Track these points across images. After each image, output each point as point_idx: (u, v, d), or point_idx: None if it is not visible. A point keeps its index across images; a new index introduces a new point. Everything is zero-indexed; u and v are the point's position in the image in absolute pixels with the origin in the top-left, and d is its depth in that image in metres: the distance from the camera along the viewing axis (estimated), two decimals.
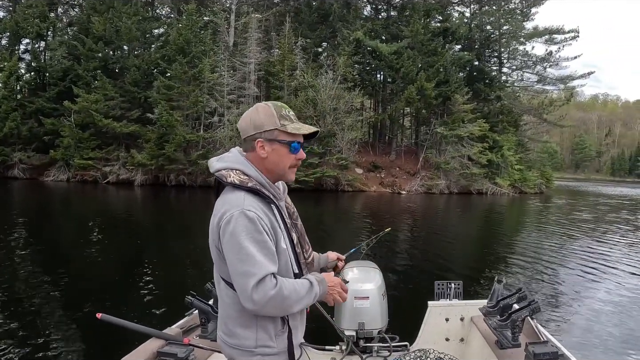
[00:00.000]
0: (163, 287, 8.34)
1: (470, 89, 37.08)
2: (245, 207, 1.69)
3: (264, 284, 1.64)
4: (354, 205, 26.51)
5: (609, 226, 19.95)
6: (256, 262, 1.65)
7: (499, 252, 13.13)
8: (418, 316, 3.85)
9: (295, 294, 1.71)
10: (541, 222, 21.27)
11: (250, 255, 1.65)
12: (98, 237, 13.21)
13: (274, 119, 1.81)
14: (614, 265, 11.42)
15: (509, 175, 37.51)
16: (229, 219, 1.68)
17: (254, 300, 1.64)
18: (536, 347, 2.66)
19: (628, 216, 24.90)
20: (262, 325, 1.77)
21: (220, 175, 1.80)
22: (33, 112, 32.96)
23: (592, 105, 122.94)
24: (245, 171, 1.79)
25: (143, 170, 31.27)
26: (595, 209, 29.21)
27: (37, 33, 34.52)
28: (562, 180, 80.00)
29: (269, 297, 1.64)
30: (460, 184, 35.34)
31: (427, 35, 36.12)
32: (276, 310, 1.71)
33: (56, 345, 5.60)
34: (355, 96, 34.27)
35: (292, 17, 36.63)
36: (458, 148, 35.21)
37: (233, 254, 1.67)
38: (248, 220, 1.67)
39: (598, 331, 6.75)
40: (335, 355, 3.51)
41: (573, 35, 42.04)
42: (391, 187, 34.91)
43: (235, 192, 1.75)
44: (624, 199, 39.99)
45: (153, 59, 33.46)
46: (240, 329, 1.78)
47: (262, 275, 1.64)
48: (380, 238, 3.23)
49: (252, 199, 1.74)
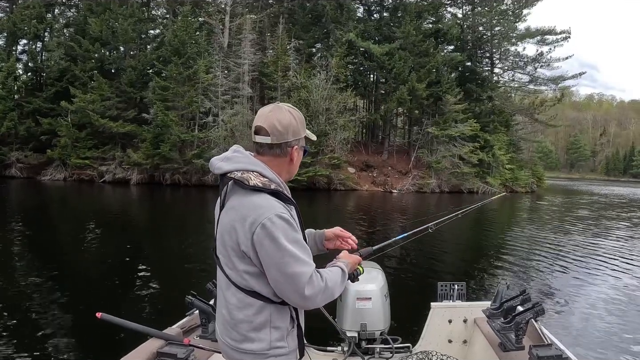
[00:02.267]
0: (163, 287, 8.41)
1: (462, 89, 37.60)
2: (277, 210, 1.69)
3: (312, 280, 1.70)
4: (346, 204, 26.95)
5: (601, 224, 20.52)
6: (303, 262, 1.70)
7: (496, 252, 13.15)
8: (421, 317, 3.83)
9: (335, 284, 1.80)
10: (534, 220, 21.70)
11: (295, 257, 1.68)
12: (96, 236, 13.41)
13: (304, 127, 1.88)
14: (613, 263, 11.57)
15: (500, 174, 38.08)
16: (265, 224, 1.66)
17: (306, 296, 1.70)
18: (540, 350, 2.64)
19: (620, 213, 25.49)
20: (275, 326, 1.78)
21: (240, 178, 1.74)
22: (30, 112, 33.41)
23: (588, 105, 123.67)
24: (264, 173, 1.77)
25: (139, 170, 31.80)
26: (585, 207, 29.76)
27: (35, 34, 34.99)
28: (557, 179, 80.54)
29: (318, 291, 1.71)
30: (451, 183, 35.89)
31: (418, 36, 36.62)
32: (323, 301, 1.78)
33: (56, 344, 5.62)
34: (347, 96, 34.79)
35: (285, 18, 37.18)
36: (449, 148, 35.76)
37: (278, 258, 1.67)
38: (284, 222, 1.68)
39: (601, 331, 6.75)
40: (337, 357, 3.50)
41: (564, 36, 42.57)
42: (383, 186, 35.48)
43: (260, 195, 1.72)
44: (612, 198, 40.63)
45: (149, 60, 33.99)
46: (254, 332, 1.77)
47: (310, 272, 1.70)
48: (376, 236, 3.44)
49: (277, 201, 1.73)
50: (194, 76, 31.62)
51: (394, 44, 36.53)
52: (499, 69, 44.86)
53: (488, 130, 38.39)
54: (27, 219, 16.08)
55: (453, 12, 44.51)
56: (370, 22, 41.11)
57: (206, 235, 12.03)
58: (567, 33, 42.49)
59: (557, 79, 43.93)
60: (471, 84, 40.31)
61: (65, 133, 31.82)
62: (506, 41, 42.89)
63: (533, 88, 45.11)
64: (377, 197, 31.66)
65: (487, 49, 43.88)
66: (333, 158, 32.57)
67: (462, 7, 44.34)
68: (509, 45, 43.35)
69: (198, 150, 31.04)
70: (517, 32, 42.48)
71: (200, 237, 13.01)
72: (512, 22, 42.04)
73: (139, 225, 17.08)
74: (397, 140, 44.04)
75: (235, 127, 31.27)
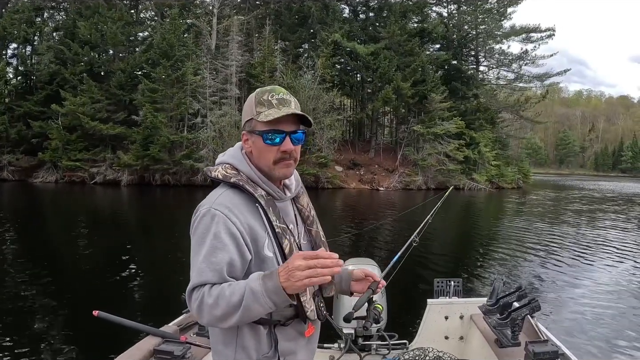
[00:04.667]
0: (159, 285, 8.42)
1: (448, 87, 38.29)
2: (214, 204, 1.50)
3: (194, 292, 1.45)
4: (333, 201, 27.44)
5: (591, 217, 21.19)
6: (196, 268, 1.46)
7: (492, 247, 13.28)
8: (417, 314, 3.81)
9: (223, 301, 1.39)
10: (520, 215, 22.13)
11: (195, 259, 1.48)
12: (90, 236, 13.59)
13: (252, 107, 1.58)
14: (605, 256, 11.87)
15: (486, 170, 38.80)
16: (195, 217, 1.52)
17: (191, 307, 1.46)
18: (536, 346, 2.64)
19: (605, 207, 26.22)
20: (242, 345, 1.53)
21: (206, 170, 1.65)
22: (21, 115, 33.79)
23: (576, 101, 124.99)
24: (236, 165, 1.60)
25: (129, 171, 32.27)
26: (573, 202, 30.52)
27: (24, 38, 35.42)
28: (546, 175, 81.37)
29: (196, 306, 1.43)
30: (437, 180, 36.50)
31: (403, 36, 37.26)
32: (211, 321, 1.44)
33: (52, 342, 5.64)
34: (333, 96, 35.38)
35: (272, 19, 37.74)
36: (435, 145, 36.40)
37: (191, 255, 1.51)
38: (210, 219, 1.48)
39: (595, 325, 6.82)
40: (334, 354, 3.47)
41: (549, 33, 43.30)
42: (370, 183, 36.12)
43: (218, 188, 1.58)
44: (600, 192, 41.48)
45: (138, 63, 34.54)
46: (220, 345, 1.57)
47: (195, 283, 1.45)
48: (374, 233, 3.65)
49: (232, 196, 1.54)
50: (183, 78, 32.12)
51: (379, 44, 37.19)
52: (485, 67, 45.61)
53: (474, 127, 39.05)
54: (20, 221, 16.29)
55: (438, 11, 45.21)
56: (356, 22, 41.75)
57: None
58: (552, 30, 43.28)
59: (542, 76, 44.61)
60: (457, 82, 40.95)
61: (56, 136, 32.23)
62: (491, 39, 43.54)
63: (519, 85, 45.81)
64: (364, 194, 32.28)
65: (472, 47, 44.54)
66: (320, 157, 33.17)
67: (447, 6, 44.99)
68: (494, 44, 44.06)
69: (187, 151, 31.58)
70: (502, 30, 43.19)
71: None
72: (497, 21, 42.71)
73: (131, 225, 17.33)
74: (385, 139, 44.67)
75: (223, 128, 31.79)
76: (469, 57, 45.12)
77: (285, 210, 1.66)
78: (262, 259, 1.52)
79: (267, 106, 1.54)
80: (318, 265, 1.33)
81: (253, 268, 1.51)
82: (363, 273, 1.76)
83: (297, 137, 1.58)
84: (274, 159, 1.57)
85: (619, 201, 31.70)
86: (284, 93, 1.57)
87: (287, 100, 1.56)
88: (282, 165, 1.58)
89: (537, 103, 45.80)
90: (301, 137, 1.60)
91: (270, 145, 1.56)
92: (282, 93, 1.56)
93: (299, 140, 1.59)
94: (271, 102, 1.54)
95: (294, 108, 1.55)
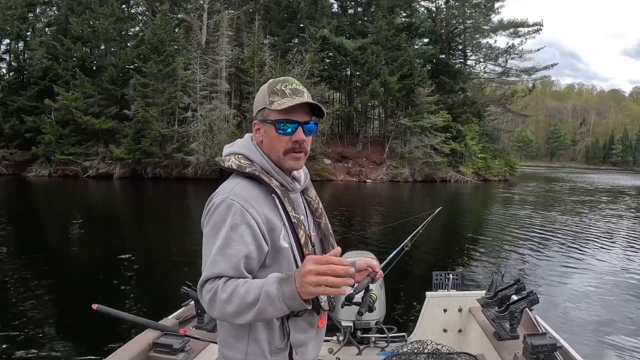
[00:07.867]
0: (157, 278, 8.42)
1: (436, 81, 38.98)
2: (230, 195, 1.48)
3: (207, 284, 1.43)
4: (321, 194, 27.64)
5: (582, 209, 21.78)
6: (209, 259, 1.44)
7: (489, 240, 13.45)
8: (416, 307, 4.02)
9: (237, 298, 1.38)
10: (506, 207, 22.63)
11: (208, 250, 1.46)
12: (85, 229, 13.78)
13: (265, 97, 1.59)
14: (599, 247, 12.06)
15: (473, 163, 39.50)
16: (209, 207, 1.50)
17: (202, 299, 1.45)
18: (534, 339, 2.65)
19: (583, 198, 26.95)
20: (254, 338, 1.53)
21: (218, 160, 1.64)
22: (15, 111, 34.17)
23: (568, 94, 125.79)
24: (249, 155, 1.60)
25: (121, 164, 32.88)
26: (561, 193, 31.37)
27: (17, 34, 35.79)
28: (537, 168, 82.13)
29: (208, 299, 1.42)
30: (424, 172, 37.30)
31: (391, 30, 37.85)
32: (222, 316, 1.43)
33: (52, 336, 5.65)
34: (321, 90, 36.01)
35: (261, 15, 38.29)
36: (422, 138, 37.12)
37: (203, 246, 1.50)
38: (226, 209, 1.46)
39: (592, 316, 6.92)
40: (333, 346, 3.48)
41: (537, 28, 43.91)
42: (357, 176, 36.88)
43: (232, 178, 1.57)
44: (589, 184, 42.29)
45: (129, 58, 35.09)
46: (232, 339, 1.56)
47: (208, 274, 1.43)
48: (369, 228, 3.85)
49: (248, 186, 1.53)
50: (173, 73, 32.71)
51: (367, 39, 37.80)
52: (472, 61, 46.25)
53: (460, 121, 39.72)
54: (14, 215, 16.44)
55: (426, 5, 45.72)
56: (345, 17, 42.28)
57: (191, 225, 12.45)
58: (539, 25, 43.89)
59: (529, 70, 45.10)
60: (444, 76, 41.57)
61: (49, 130, 32.71)
62: (478, 34, 44.15)
63: (508, 79, 46.41)
64: (351, 187, 33.01)
65: (459, 41, 45.14)
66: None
67: (435, 0, 45.46)
68: (481, 38, 44.66)
69: (178, 145, 32.18)
70: (490, 25, 43.72)
71: (186, 227, 13.46)
72: (485, 15, 43.27)
73: (125, 218, 17.58)
74: (373, 132, 45.29)
75: (213, 122, 32.41)
76: (457, 51, 45.73)
77: (297, 201, 1.66)
78: (278, 249, 1.52)
79: (280, 95, 1.55)
80: (328, 271, 1.30)
81: (268, 259, 1.51)
82: (365, 264, 1.73)
83: (309, 127, 1.59)
84: (284, 149, 1.57)
85: (602, 194, 32.45)
86: (297, 84, 1.59)
87: (300, 90, 1.57)
88: (291, 156, 1.58)
89: (524, 97, 46.47)
90: (313, 128, 1.61)
91: (282, 135, 1.56)
92: (294, 83, 1.58)
93: (310, 131, 1.59)
94: (284, 91, 1.55)
95: (307, 98, 1.56)
